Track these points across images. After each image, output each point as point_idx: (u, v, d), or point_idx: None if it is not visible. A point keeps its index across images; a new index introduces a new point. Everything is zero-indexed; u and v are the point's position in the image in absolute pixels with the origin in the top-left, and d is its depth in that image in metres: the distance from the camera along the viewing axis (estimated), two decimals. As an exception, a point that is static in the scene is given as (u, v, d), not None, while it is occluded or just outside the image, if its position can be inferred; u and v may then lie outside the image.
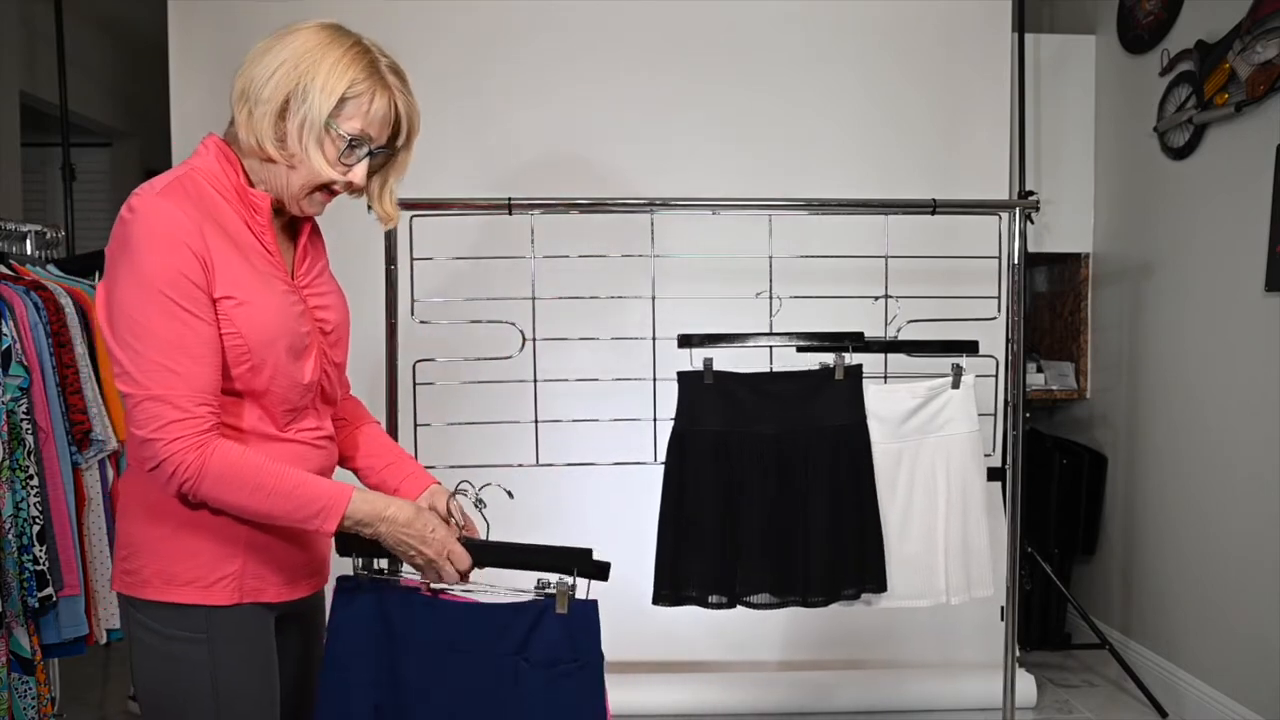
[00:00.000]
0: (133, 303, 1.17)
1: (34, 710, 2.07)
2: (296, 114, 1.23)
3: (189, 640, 1.26)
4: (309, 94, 1.22)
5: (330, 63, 1.23)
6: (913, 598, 2.15)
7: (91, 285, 2.43)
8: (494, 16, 3.04)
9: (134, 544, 1.28)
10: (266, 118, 1.23)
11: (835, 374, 2.09)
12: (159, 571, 1.26)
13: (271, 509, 1.22)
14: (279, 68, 1.22)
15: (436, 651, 1.36)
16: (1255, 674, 2.55)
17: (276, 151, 1.24)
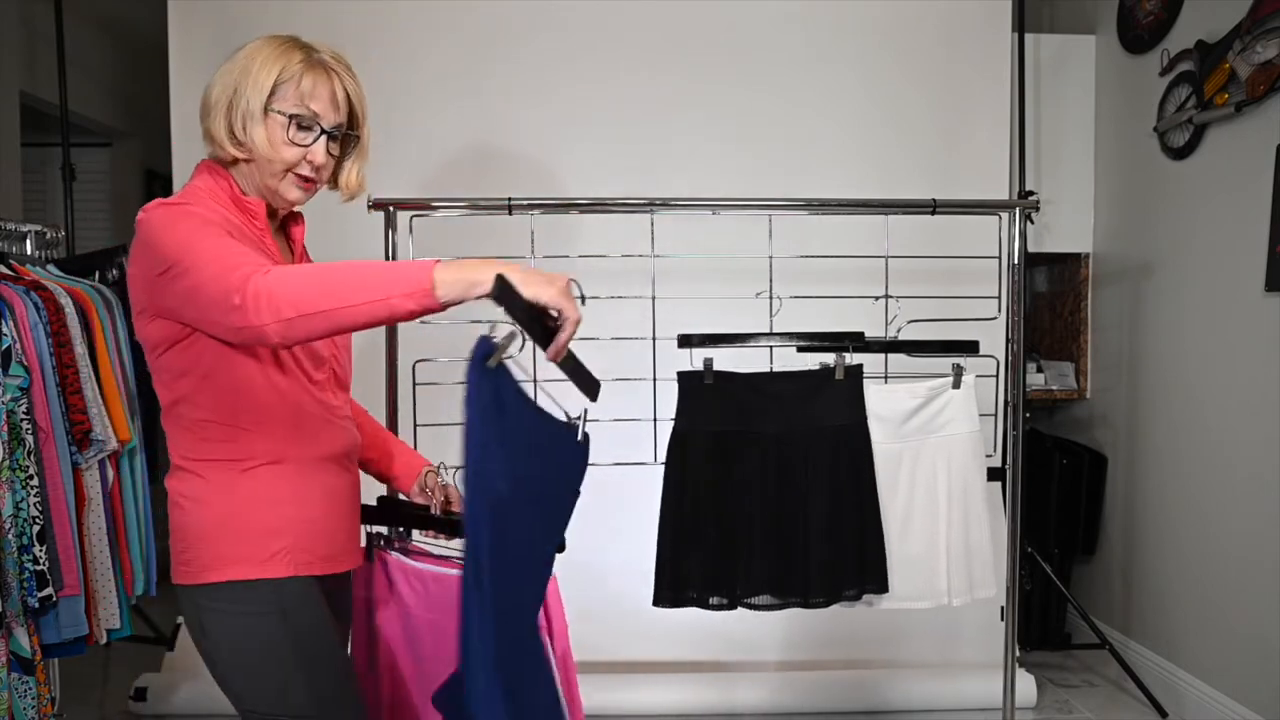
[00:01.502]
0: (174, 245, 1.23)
1: (34, 710, 2.06)
2: (238, 108, 1.34)
3: (260, 614, 1.34)
4: (243, 88, 1.33)
5: (262, 58, 1.35)
6: (914, 599, 2.15)
7: (92, 285, 2.42)
8: (494, 16, 3.04)
9: (188, 534, 1.35)
10: (220, 120, 1.35)
11: (835, 374, 2.09)
12: (217, 555, 1.33)
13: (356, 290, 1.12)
14: (223, 76, 1.36)
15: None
16: (1255, 674, 2.55)
17: (235, 149, 1.35)
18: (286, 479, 1.37)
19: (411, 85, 2.96)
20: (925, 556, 2.14)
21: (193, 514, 1.35)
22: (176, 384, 1.36)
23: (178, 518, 1.36)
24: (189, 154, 3.11)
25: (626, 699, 2.82)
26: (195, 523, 1.34)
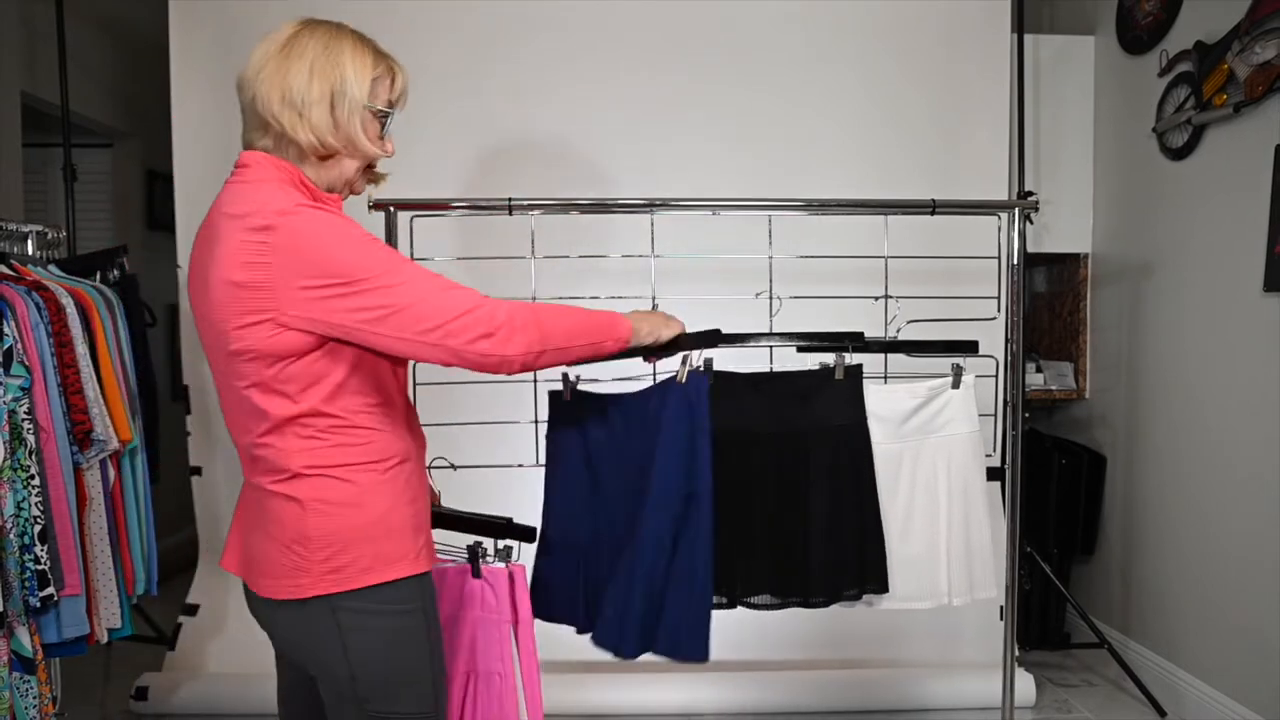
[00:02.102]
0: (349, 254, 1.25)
1: (35, 709, 2.07)
2: (342, 105, 1.34)
3: (405, 613, 1.36)
4: (347, 83, 1.34)
5: (349, 54, 1.35)
6: (915, 599, 2.14)
7: (93, 285, 2.43)
8: (494, 16, 3.05)
9: (341, 539, 1.32)
10: (321, 113, 1.33)
11: (835, 374, 2.09)
12: (377, 555, 1.33)
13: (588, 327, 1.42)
14: (311, 69, 1.33)
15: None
16: (1255, 674, 2.56)
17: (337, 142, 1.35)
18: (413, 476, 1.41)
19: (412, 85, 2.95)
20: (925, 557, 2.14)
21: (346, 518, 1.32)
22: (305, 394, 1.31)
23: (320, 524, 1.32)
24: (190, 154, 3.12)
25: (626, 699, 2.83)
26: (350, 527, 1.32)
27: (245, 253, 1.25)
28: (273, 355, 1.28)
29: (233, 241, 1.26)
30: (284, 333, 1.27)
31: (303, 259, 1.24)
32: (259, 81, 1.34)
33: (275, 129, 1.34)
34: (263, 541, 1.36)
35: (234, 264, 1.25)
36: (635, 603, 1.70)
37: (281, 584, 1.34)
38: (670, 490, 1.72)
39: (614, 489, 1.87)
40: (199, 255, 1.35)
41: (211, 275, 1.28)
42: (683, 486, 1.73)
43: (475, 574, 1.64)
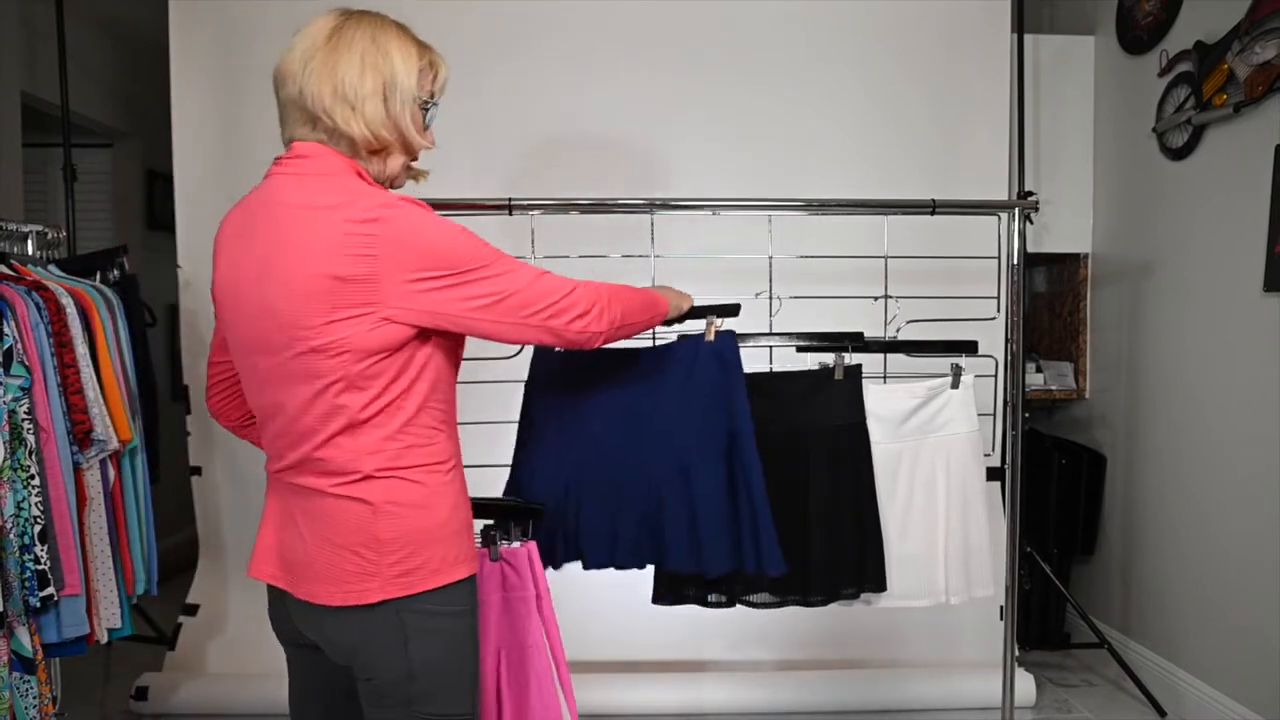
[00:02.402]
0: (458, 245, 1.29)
1: (35, 709, 2.07)
2: (394, 97, 1.34)
3: (462, 613, 1.37)
4: (397, 77, 1.34)
5: (396, 45, 1.35)
6: (913, 597, 2.15)
7: (93, 285, 2.43)
8: (494, 17, 3.05)
9: (413, 542, 1.31)
10: (376, 107, 1.32)
11: (835, 374, 2.10)
12: (445, 556, 1.34)
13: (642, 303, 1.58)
14: (363, 61, 1.31)
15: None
16: (1255, 673, 2.56)
17: (391, 136, 1.35)
18: (462, 478, 1.42)
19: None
20: (924, 555, 2.14)
21: (417, 521, 1.31)
22: (388, 390, 1.29)
23: (393, 527, 1.30)
24: (190, 154, 3.12)
25: (626, 699, 2.83)
26: (421, 529, 1.31)
27: (350, 245, 1.22)
28: (366, 350, 1.26)
29: (332, 234, 1.23)
30: (385, 326, 1.25)
31: (412, 251, 1.24)
32: (306, 75, 1.30)
33: (326, 123, 1.31)
34: (317, 546, 1.32)
35: (335, 257, 1.22)
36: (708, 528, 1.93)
37: (345, 589, 1.30)
38: (717, 432, 1.95)
39: (618, 436, 1.98)
40: (252, 250, 1.30)
41: (295, 269, 1.24)
42: (726, 426, 1.95)
43: (494, 557, 1.69)
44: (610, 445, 1.98)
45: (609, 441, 1.99)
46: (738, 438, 1.96)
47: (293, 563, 1.36)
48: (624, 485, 1.98)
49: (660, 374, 1.98)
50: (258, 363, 1.32)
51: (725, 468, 1.95)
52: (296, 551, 1.35)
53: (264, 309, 1.28)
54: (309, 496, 1.33)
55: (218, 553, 3.18)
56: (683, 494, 1.95)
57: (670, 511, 1.95)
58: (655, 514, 1.96)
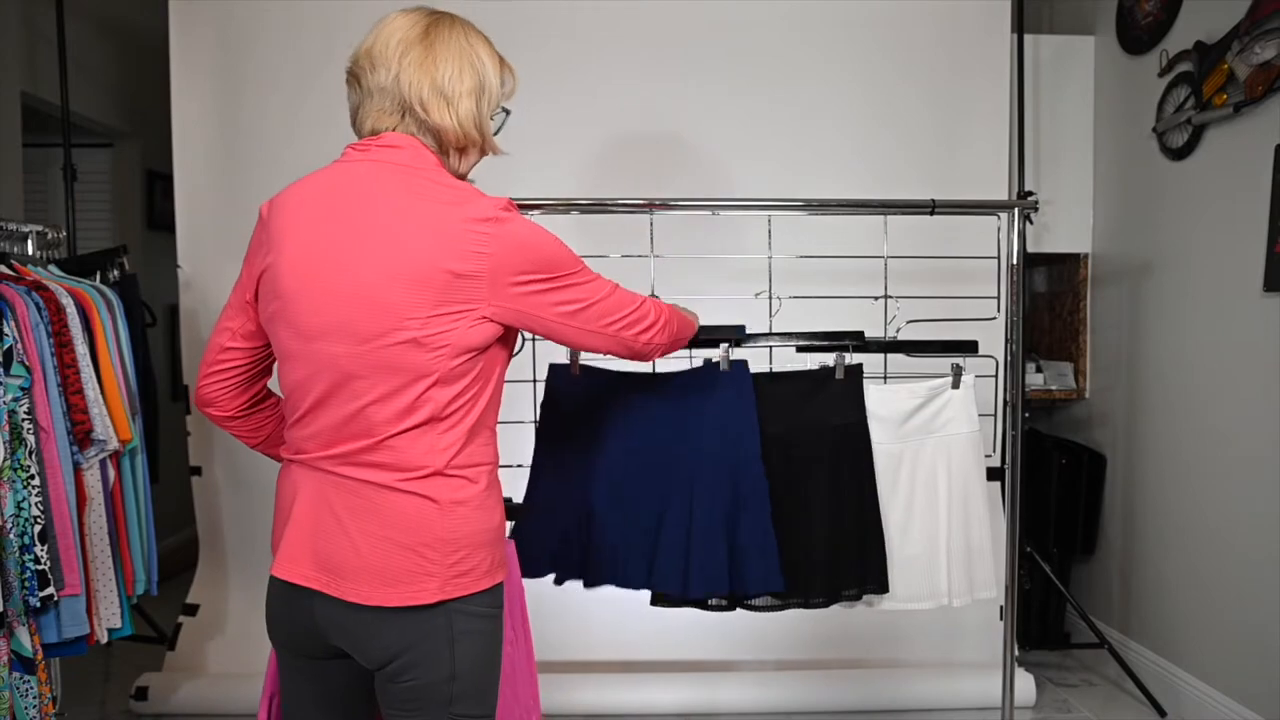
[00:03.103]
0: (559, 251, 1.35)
1: (35, 709, 2.07)
2: (485, 99, 1.40)
3: (498, 615, 1.38)
4: (489, 79, 1.40)
5: (484, 50, 1.41)
6: (915, 600, 2.14)
7: (93, 285, 2.43)
8: (495, 18, 3.04)
9: (472, 542, 1.32)
10: (469, 106, 1.37)
11: (836, 374, 2.10)
12: (494, 558, 1.36)
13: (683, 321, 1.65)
14: (461, 60, 1.36)
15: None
16: (1254, 673, 2.56)
17: (480, 135, 1.40)
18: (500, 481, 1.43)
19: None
20: (926, 557, 2.14)
21: (476, 521, 1.32)
22: (470, 388, 1.31)
23: (455, 526, 1.30)
24: (190, 155, 3.12)
25: (626, 699, 2.83)
26: (479, 530, 1.32)
27: (470, 242, 1.25)
28: (463, 347, 1.27)
29: (453, 230, 1.25)
30: (483, 324, 1.28)
31: (521, 253, 1.28)
32: (405, 64, 1.32)
33: (419, 115, 1.33)
34: (370, 544, 1.28)
35: (454, 252, 1.24)
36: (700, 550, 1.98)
37: (400, 590, 1.28)
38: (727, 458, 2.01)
39: (631, 459, 2.03)
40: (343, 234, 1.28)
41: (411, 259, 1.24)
42: (736, 451, 2.02)
43: None
44: (625, 471, 2.03)
45: (624, 467, 2.04)
46: (746, 463, 2.01)
47: (334, 562, 1.30)
48: (633, 509, 2.03)
49: (676, 400, 2.05)
50: (331, 349, 1.28)
51: (730, 493, 2.00)
52: (340, 549, 1.29)
53: (359, 295, 1.25)
54: (360, 490, 1.30)
55: (218, 553, 3.18)
56: (682, 516, 2.00)
57: (666, 532, 1.99)
58: (654, 533, 2.01)
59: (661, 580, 1.98)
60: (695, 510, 1.99)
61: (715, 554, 1.97)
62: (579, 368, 2.07)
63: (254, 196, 1.38)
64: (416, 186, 1.28)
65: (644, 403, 2.06)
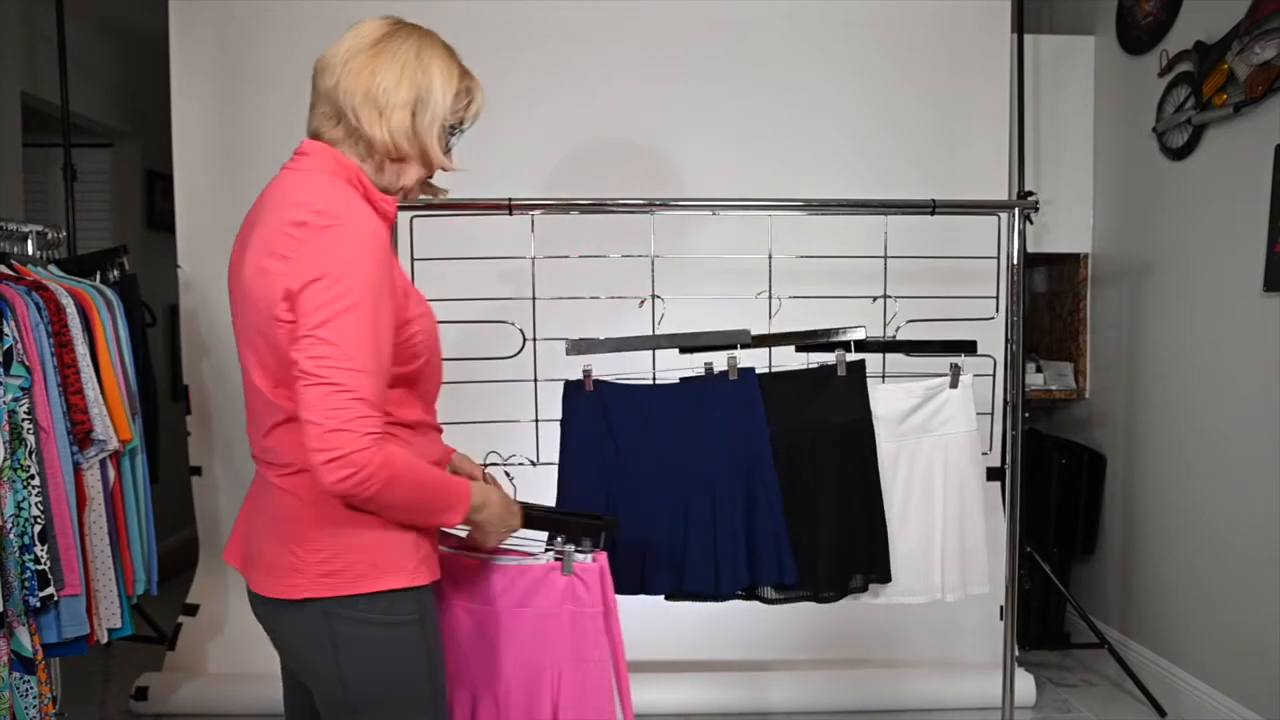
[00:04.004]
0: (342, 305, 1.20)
1: (35, 709, 2.07)
2: (425, 113, 1.35)
3: (405, 623, 1.33)
4: (433, 93, 1.35)
5: (440, 64, 1.37)
6: (910, 594, 2.18)
7: (93, 285, 2.43)
8: (494, 17, 3.05)
9: (339, 543, 1.30)
10: (402, 118, 1.33)
11: (838, 370, 2.11)
12: (373, 563, 1.30)
13: (424, 506, 1.32)
14: (403, 71, 1.33)
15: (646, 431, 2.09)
16: (1254, 673, 2.56)
17: (411, 149, 1.35)
18: None
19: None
20: (920, 552, 2.16)
21: (342, 520, 1.30)
22: None
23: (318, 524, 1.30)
24: (190, 155, 3.12)
25: (626, 698, 2.83)
26: (346, 530, 1.30)
27: (278, 244, 1.24)
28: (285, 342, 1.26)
29: (274, 228, 1.26)
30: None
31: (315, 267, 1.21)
32: (346, 71, 1.32)
33: (350, 122, 1.33)
34: (265, 537, 1.34)
35: (269, 251, 1.25)
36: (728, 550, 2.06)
37: (278, 583, 1.31)
38: (740, 460, 2.08)
39: (651, 468, 2.08)
40: (242, 237, 1.34)
41: (251, 256, 1.28)
42: (749, 453, 2.08)
43: (567, 571, 1.61)
44: (645, 480, 2.10)
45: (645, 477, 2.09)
46: (759, 463, 2.08)
47: (249, 552, 1.38)
48: (657, 517, 2.09)
49: (690, 408, 2.10)
50: (241, 349, 1.34)
51: (745, 492, 2.08)
52: (252, 540, 1.37)
53: (244, 297, 1.31)
54: (263, 485, 1.37)
55: (218, 553, 3.18)
56: (706, 519, 2.07)
57: (693, 536, 2.07)
58: (681, 538, 2.08)
59: (693, 581, 2.07)
60: (719, 513, 2.07)
61: (738, 552, 2.06)
62: (592, 382, 2.11)
63: (254, 196, 1.38)
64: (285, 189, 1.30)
65: (659, 412, 2.10)
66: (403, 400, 1.35)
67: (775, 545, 2.07)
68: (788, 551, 2.08)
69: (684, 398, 2.10)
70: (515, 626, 1.60)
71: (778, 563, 2.07)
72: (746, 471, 2.08)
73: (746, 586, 2.11)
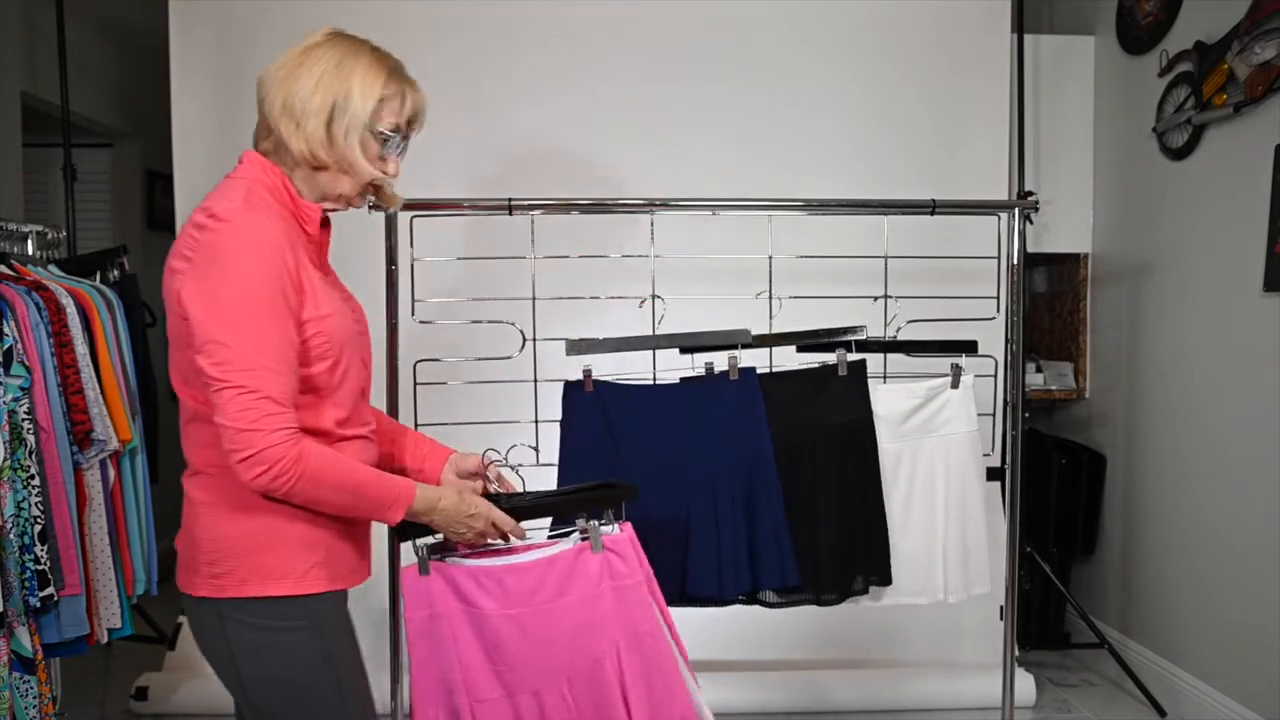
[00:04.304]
0: (235, 306, 1.23)
1: (35, 709, 2.07)
2: (341, 120, 1.33)
3: (294, 629, 1.32)
4: (350, 100, 1.33)
5: (362, 70, 1.34)
6: (912, 595, 2.17)
7: (93, 285, 2.43)
8: (494, 17, 3.05)
9: (224, 546, 1.32)
10: (317, 126, 1.33)
11: (839, 369, 2.11)
12: (255, 568, 1.31)
13: (350, 503, 1.33)
14: (319, 80, 1.32)
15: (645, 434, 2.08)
16: (1254, 673, 2.56)
17: (329, 157, 1.34)
18: None
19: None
20: (923, 554, 2.15)
21: (226, 524, 1.31)
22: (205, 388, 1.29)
23: (210, 528, 1.33)
24: (190, 155, 3.12)
25: (626, 698, 2.82)
26: (229, 534, 1.31)
27: (182, 243, 1.29)
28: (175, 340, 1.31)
29: (181, 233, 1.30)
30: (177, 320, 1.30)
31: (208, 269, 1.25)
32: (270, 83, 1.35)
33: (277, 134, 1.34)
34: (181, 532, 1.39)
35: (175, 251, 1.29)
36: (730, 552, 2.05)
37: (184, 578, 1.36)
38: (741, 460, 2.07)
39: (651, 469, 2.06)
40: None
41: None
42: (750, 454, 2.07)
43: (596, 548, 1.55)
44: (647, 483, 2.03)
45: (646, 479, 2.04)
46: (760, 462, 2.07)
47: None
48: (659, 520, 2.06)
49: (691, 408, 2.09)
50: None
51: (747, 493, 2.07)
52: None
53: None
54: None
55: (218, 553, 3.17)
56: (709, 522, 2.06)
57: (696, 540, 2.06)
58: (684, 542, 2.07)
59: (696, 585, 2.06)
60: (720, 514, 2.05)
61: (741, 555, 2.05)
62: (591, 382, 2.10)
63: (254, 196, 1.38)
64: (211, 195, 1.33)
65: (660, 413, 2.09)
66: (312, 407, 1.33)
67: (777, 546, 2.06)
68: (790, 553, 2.06)
69: (684, 398, 2.09)
70: (560, 618, 1.54)
71: (779, 564, 2.06)
72: (747, 472, 2.07)
73: (749, 591, 2.09)
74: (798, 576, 2.07)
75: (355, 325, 1.42)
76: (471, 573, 1.53)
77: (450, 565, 1.54)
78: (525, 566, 1.55)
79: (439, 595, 1.54)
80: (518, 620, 1.54)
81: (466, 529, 1.45)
